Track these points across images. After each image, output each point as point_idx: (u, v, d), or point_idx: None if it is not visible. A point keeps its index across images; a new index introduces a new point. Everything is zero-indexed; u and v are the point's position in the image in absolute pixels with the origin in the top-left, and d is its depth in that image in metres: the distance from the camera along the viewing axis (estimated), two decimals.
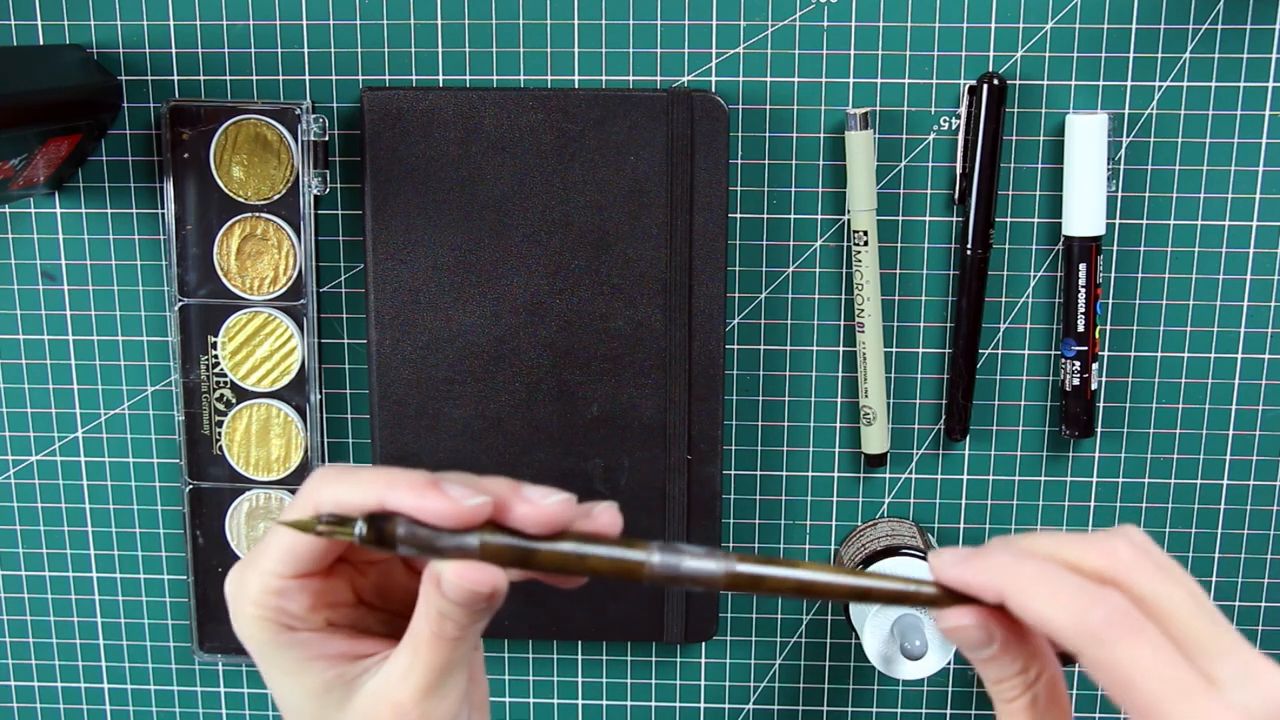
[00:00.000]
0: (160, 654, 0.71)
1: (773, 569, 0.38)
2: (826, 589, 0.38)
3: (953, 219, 0.64)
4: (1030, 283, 0.64)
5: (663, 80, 0.63)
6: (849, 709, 0.70)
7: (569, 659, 0.70)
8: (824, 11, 0.62)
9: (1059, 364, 0.65)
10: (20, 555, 0.71)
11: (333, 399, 0.67)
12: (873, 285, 0.63)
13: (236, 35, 0.63)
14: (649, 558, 0.37)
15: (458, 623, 0.38)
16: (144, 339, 0.67)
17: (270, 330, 0.66)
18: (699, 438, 0.65)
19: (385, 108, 0.62)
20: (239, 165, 0.64)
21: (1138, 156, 0.63)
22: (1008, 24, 0.61)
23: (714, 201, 0.62)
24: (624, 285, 0.63)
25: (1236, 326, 0.64)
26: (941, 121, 0.63)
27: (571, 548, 0.37)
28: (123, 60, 0.64)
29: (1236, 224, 0.63)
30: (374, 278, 0.63)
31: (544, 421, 0.64)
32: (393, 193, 0.62)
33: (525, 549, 0.37)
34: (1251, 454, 0.66)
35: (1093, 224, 0.62)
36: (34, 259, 0.67)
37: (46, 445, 0.69)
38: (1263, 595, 0.68)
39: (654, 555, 0.37)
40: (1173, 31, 0.61)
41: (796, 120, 0.63)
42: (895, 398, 0.66)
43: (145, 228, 0.66)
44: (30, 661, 0.72)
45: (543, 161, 0.62)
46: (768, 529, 0.68)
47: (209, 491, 0.68)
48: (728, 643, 0.70)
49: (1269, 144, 0.62)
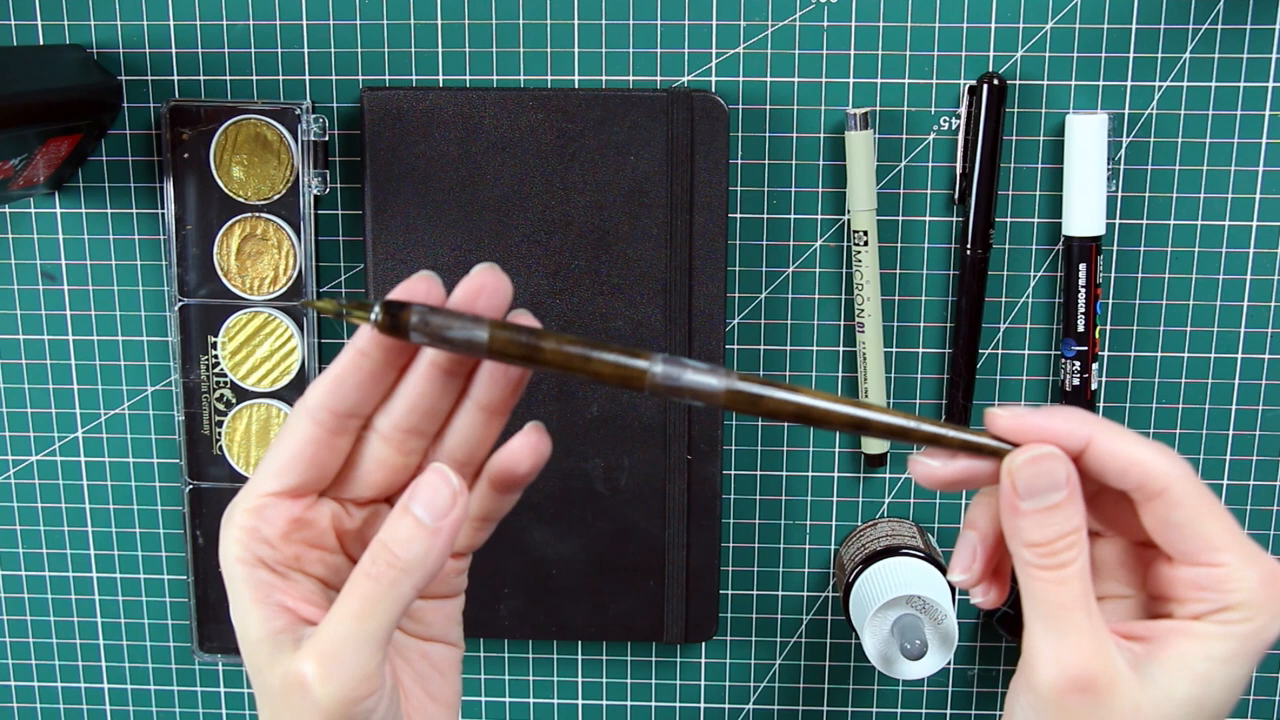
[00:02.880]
0: (160, 654, 0.71)
1: (773, 390, 0.38)
2: (825, 416, 0.38)
3: (953, 219, 0.64)
4: (1030, 283, 0.64)
5: (663, 80, 0.63)
6: (849, 709, 0.70)
7: (569, 659, 0.70)
8: (824, 11, 0.62)
9: (1059, 364, 0.65)
10: (20, 555, 0.71)
11: None
12: (873, 285, 0.63)
13: (236, 35, 0.63)
14: (651, 367, 0.38)
15: (395, 556, 0.37)
16: (144, 339, 0.67)
17: (270, 330, 0.66)
18: (699, 438, 0.65)
19: (385, 108, 0.62)
20: (239, 165, 0.64)
21: (1138, 156, 0.63)
22: (1008, 24, 0.61)
23: (714, 201, 0.62)
24: (624, 285, 0.63)
25: (1236, 326, 0.64)
26: (941, 121, 0.63)
27: (578, 349, 0.38)
28: (123, 60, 0.64)
29: (1236, 224, 0.63)
30: (374, 278, 0.63)
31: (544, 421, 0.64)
32: (393, 193, 0.62)
33: (532, 344, 0.38)
34: (1251, 454, 0.66)
35: (1093, 224, 0.62)
36: (34, 259, 0.67)
37: (46, 445, 0.69)
38: None
39: (657, 365, 0.38)
40: (1173, 31, 0.61)
41: (796, 120, 0.63)
42: (895, 398, 0.66)
43: (145, 228, 0.66)
44: (30, 661, 0.72)
45: (543, 161, 0.62)
46: (768, 529, 0.68)
47: (209, 491, 0.68)
48: (728, 643, 0.70)
49: (1269, 144, 0.62)
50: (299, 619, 0.39)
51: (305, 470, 0.39)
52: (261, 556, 0.39)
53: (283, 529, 0.39)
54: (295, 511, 0.40)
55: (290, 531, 0.40)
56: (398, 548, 0.37)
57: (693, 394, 0.38)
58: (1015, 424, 0.38)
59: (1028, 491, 0.38)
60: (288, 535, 0.39)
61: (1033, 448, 0.38)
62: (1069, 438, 0.38)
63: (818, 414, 0.38)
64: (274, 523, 0.39)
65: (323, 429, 0.39)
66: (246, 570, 0.39)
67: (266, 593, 0.39)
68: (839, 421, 0.38)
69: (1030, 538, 0.38)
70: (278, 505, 0.39)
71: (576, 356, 0.38)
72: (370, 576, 0.38)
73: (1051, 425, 0.38)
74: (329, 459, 0.40)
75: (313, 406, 0.39)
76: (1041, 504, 0.38)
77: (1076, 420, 0.38)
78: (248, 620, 0.39)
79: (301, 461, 0.39)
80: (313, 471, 0.40)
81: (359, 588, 0.38)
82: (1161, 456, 0.38)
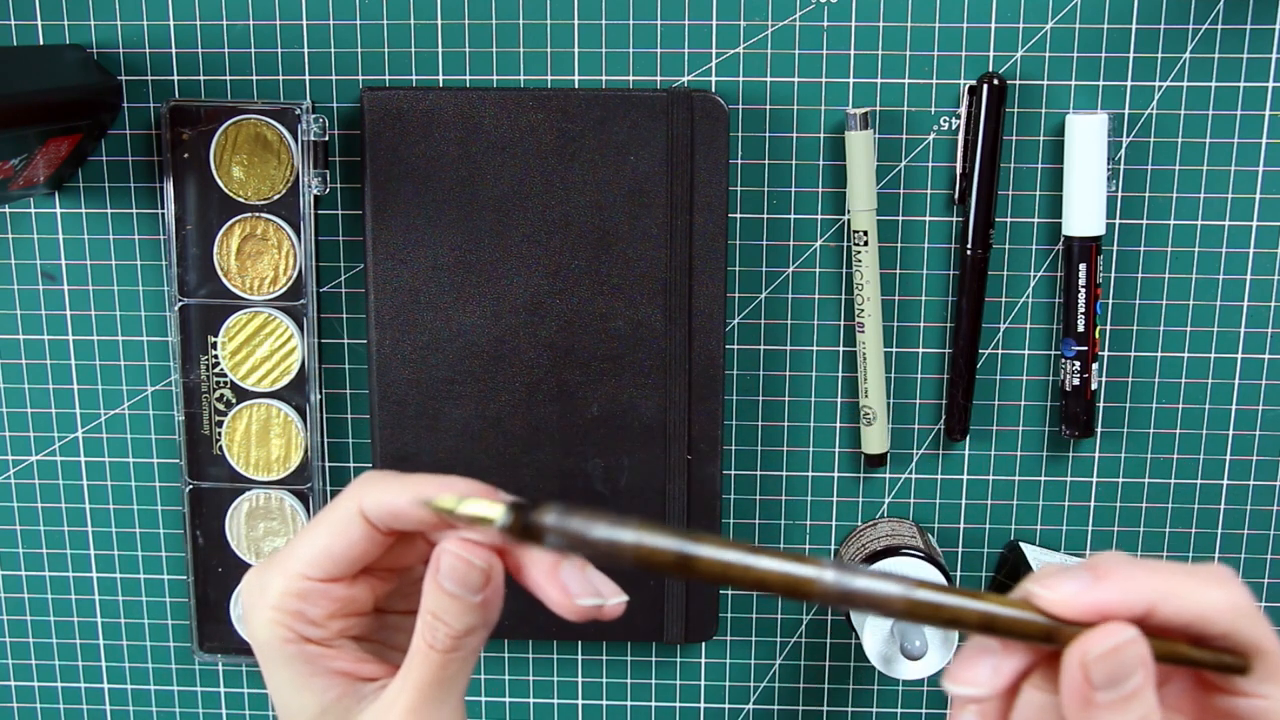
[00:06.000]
0: (160, 654, 0.71)
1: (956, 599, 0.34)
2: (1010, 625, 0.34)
3: (953, 219, 0.64)
4: (1030, 283, 0.64)
5: (663, 80, 0.63)
6: (849, 709, 0.70)
7: (569, 659, 0.70)
8: (824, 11, 0.62)
9: (1059, 364, 0.65)
10: (20, 555, 0.71)
11: (333, 399, 0.67)
12: (873, 285, 0.63)
13: (236, 35, 0.63)
14: (821, 574, 0.34)
15: (450, 627, 0.38)
16: (144, 339, 0.67)
17: (270, 330, 0.66)
18: (699, 438, 0.65)
19: (385, 108, 0.62)
20: (239, 165, 0.64)
21: (1138, 156, 0.63)
22: (1008, 24, 0.61)
23: (714, 201, 0.62)
24: (624, 285, 0.63)
25: (1236, 326, 0.64)
26: (941, 121, 0.63)
27: (736, 557, 0.34)
28: (123, 60, 0.64)
29: (1236, 224, 0.63)
30: (374, 278, 0.63)
31: (544, 421, 0.65)
32: (393, 193, 0.62)
33: (685, 554, 0.34)
34: (1251, 454, 0.66)
35: (1093, 224, 0.62)
36: (34, 259, 0.67)
37: (46, 445, 0.69)
38: (1263, 595, 0.68)
39: (826, 572, 0.34)
40: (1173, 31, 0.61)
41: (796, 120, 0.63)
42: (895, 398, 0.66)
43: (145, 228, 0.66)
44: (30, 661, 0.72)
45: (543, 161, 0.62)
46: (768, 529, 0.68)
47: (209, 491, 0.68)
48: (728, 643, 0.70)
49: (1269, 144, 0.62)
50: (357, 679, 0.39)
51: (356, 564, 0.39)
52: (308, 635, 0.39)
53: (329, 610, 0.39)
54: (340, 593, 0.39)
55: (336, 612, 0.39)
56: (451, 619, 0.38)
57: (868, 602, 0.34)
58: (1073, 602, 0.34)
59: (1108, 683, 0.33)
60: (333, 615, 0.39)
61: (1110, 631, 0.34)
62: (1132, 609, 0.34)
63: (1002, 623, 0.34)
64: (320, 605, 0.39)
65: (378, 532, 0.39)
66: (295, 649, 0.39)
67: (318, 664, 0.39)
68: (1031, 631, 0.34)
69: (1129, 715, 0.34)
70: (324, 589, 0.39)
71: (736, 566, 0.34)
72: (435, 649, 0.38)
73: (1114, 599, 0.34)
74: (379, 551, 0.39)
75: (374, 512, 0.38)
76: (1119, 693, 0.34)
77: (1134, 583, 0.34)
78: (303, 696, 0.39)
79: (351, 558, 0.39)
80: (363, 562, 0.39)
81: (428, 660, 0.38)
82: (1223, 596, 0.34)
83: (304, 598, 0.39)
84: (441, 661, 0.38)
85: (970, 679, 0.35)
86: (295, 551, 0.39)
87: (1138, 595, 0.34)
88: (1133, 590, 0.34)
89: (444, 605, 0.38)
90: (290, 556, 0.39)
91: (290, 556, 0.39)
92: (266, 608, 0.39)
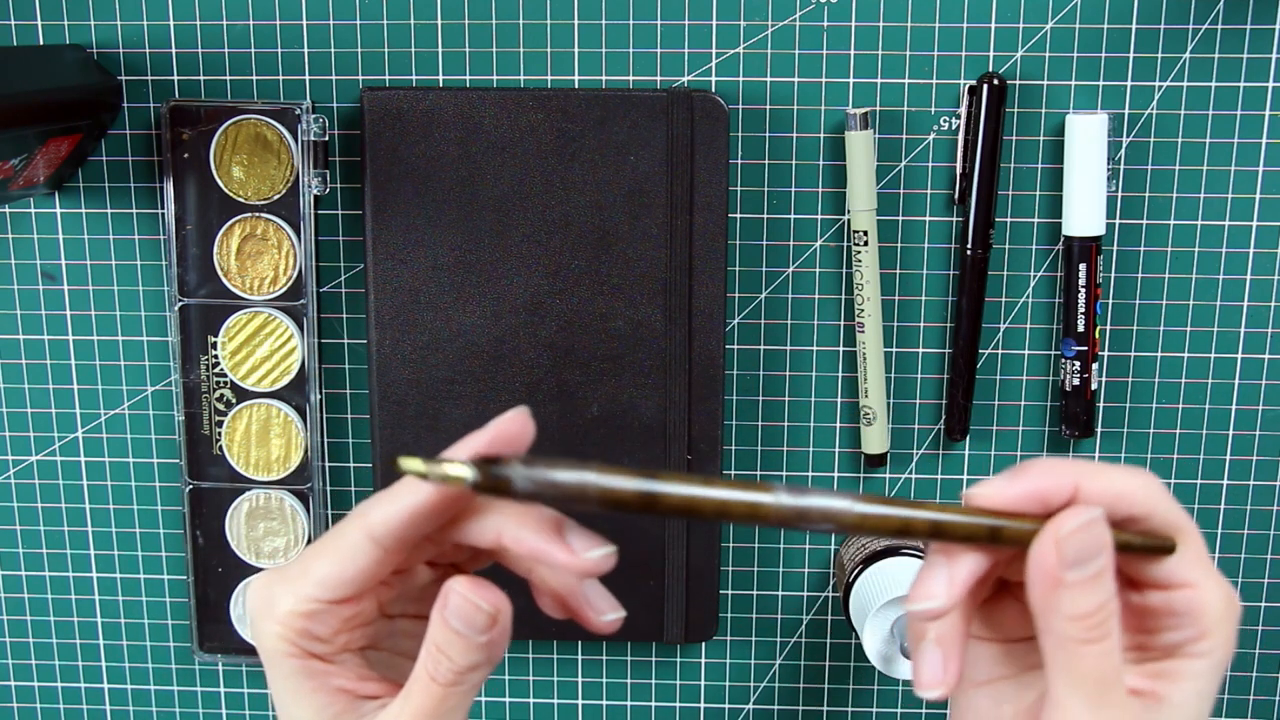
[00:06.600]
0: (160, 654, 0.71)
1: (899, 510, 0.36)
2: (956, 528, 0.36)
3: (953, 219, 0.64)
4: (1030, 283, 0.64)
5: (663, 80, 0.63)
6: (849, 709, 0.70)
7: (569, 659, 0.70)
8: (824, 11, 0.62)
9: (1059, 364, 0.65)
10: (20, 555, 0.71)
11: (333, 399, 0.67)
12: (873, 285, 0.63)
13: (236, 35, 0.63)
14: (777, 498, 0.36)
15: (454, 662, 0.38)
16: (144, 339, 0.67)
17: (270, 330, 0.66)
18: (699, 438, 0.65)
19: (385, 108, 0.62)
20: (239, 165, 0.64)
21: (1138, 156, 0.63)
22: (1008, 24, 0.61)
23: (714, 201, 0.62)
24: (624, 285, 0.63)
25: (1236, 326, 0.64)
26: (941, 121, 0.63)
27: (698, 489, 0.36)
28: (123, 60, 0.64)
29: (1236, 224, 0.63)
30: (374, 278, 0.63)
31: (544, 421, 0.64)
32: (393, 193, 0.62)
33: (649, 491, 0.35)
34: (1251, 454, 0.66)
35: (1093, 224, 0.62)
36: (34, 259, 0.67)
37: (46, 445, 0.69)
38: (1263, 595, 0.68)
39: (781, 494, 0.36)
40: (1173, 31, 0.61)
41: (796, 120, 0.63)
42: (895, 398, 0.66)
43: (145, 228, 0.66)
44: (30, 661, 0.72)
45: (543, 161, 0.62)
46: (767, 529, 0.68)
47: (209, 491, 0.68)
48: (728, 643, 0.70)
49: (1269, 144, 0.62)
50: (358, 697, 0.39)
51: (364, 586, 0.39)
52: (314, 651, 0.39)
53: (336, 628, 0.39)
54: (348, 612, 0.39)
55: (342, 629, 0.40)
56: (455, 655, 0.38)
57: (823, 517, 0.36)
58: (1005, 492, 0.36)
59: (1078, 559, 0.35)
60: (340, 631, 0.40)
61: (1079, 512, 0.35)
62: (1060, 491, 0.36)
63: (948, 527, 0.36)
64: (328, 623, 0.39)
65: (387, 554, 0.39)
66: (300, 663, 0.39)
67: (322, 681, 0.39)
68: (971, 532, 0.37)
69: (1076, 610, 0.35)
70: (332, 610, 0.39)
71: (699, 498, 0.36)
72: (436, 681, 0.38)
73: (1042, 484, 0.36)
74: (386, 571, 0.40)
75: (381, 535, 0.38)
76: (1087, 572, 0.35)
77: (1057, 470, 0.36)
78: (304, 709, 0.39)
79: (361, 582, 0.39)
80: (373, 583, 0.39)
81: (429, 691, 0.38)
82: (1137, 478, 0.37)
83: (312, 617, 0.39)
84: (442, 695, 0.38)
85: (926, 593, 0.37)
86: (305, 572, 0.39)
87: (1060, 479, 0.36)
88: (1054, 475, 0.36)
89: (449, 641, 0.38)
90: (300, 577, 0.39)
91: (300, 577, 0.39)
92: (273, 622, 0.39)
